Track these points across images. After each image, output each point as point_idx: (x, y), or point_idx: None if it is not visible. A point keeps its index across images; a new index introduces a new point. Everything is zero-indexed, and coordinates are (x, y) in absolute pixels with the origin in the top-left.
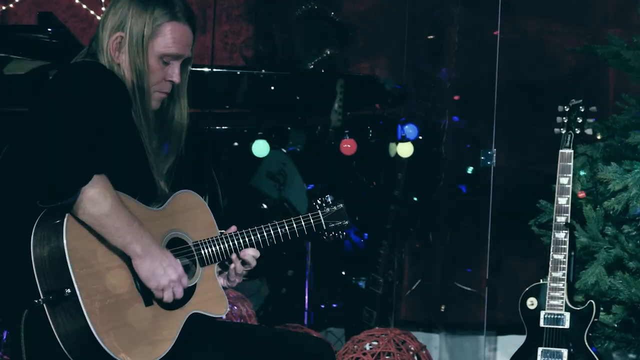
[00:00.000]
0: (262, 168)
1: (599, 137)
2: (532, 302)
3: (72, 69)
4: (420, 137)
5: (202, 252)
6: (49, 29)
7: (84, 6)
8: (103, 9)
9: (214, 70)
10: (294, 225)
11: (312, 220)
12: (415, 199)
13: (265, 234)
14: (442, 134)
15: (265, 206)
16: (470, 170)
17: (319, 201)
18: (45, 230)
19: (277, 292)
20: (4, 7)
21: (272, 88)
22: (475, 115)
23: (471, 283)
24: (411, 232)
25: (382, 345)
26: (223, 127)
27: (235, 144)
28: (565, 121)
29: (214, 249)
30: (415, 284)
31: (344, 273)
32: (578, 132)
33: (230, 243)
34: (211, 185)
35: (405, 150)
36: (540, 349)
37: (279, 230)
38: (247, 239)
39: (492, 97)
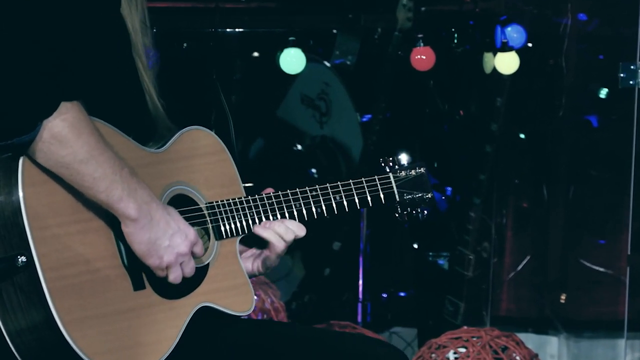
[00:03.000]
0: (295, 90)
1: None
2: None
3: None
4: (530, 45)
5: (220, 218)
6: None
7: None
8: None
9: None
10: (354, 194)
11: (380, 188)
12: (521, 135)
13: (312, 203)
14: (562, 39)
15: (299, 147)
16: (604, 93)
17: (389, 162)
18: None
19: (317, 274)
20: None
21: None
22: (613, 11)
23: (605, 261)
24: (516, 186)
25: (473, 353)
26: (237, 30)
27: (255, 54)
28: None
29: (237, 215)
30: (523, 263)
31: (416, 246)
32: None
33: (262, 209)
34: (219, 116)
35: (507, 63)
36: None
37: (332, 198)
38: (285, 208)
39: None
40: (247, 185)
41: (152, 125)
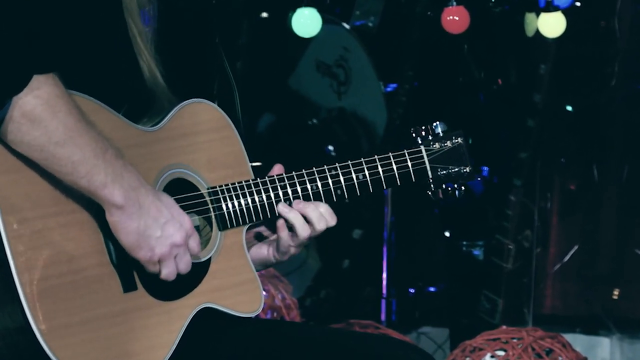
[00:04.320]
0: (309, 56)
1: None
2: None
3: None
4: (578, 4)
5: (224, 205)
6: None
7: None
8: None
9: None
10: (380, 170)
11: (409, 162)
12: (568, 108)
13: (331, 181)
14: None
15: (315, 121)
16: None
17: (421, 131)
18: None
19: (335, 266)
20: None
21: None
22: None
23: None
24: (562, 165)
25: (513, 356)
26: None
27: (264, 15)
28: None
29: (243, 201)
30: (570, 253)
31: (448, 235)
32: None
33: (272, 193)
34: (222, 87)
35: (551, 25)
36: None
37: (354, 177)
38: (300, 190)
39: None
40: (254, 164)
41: (150, 98)
